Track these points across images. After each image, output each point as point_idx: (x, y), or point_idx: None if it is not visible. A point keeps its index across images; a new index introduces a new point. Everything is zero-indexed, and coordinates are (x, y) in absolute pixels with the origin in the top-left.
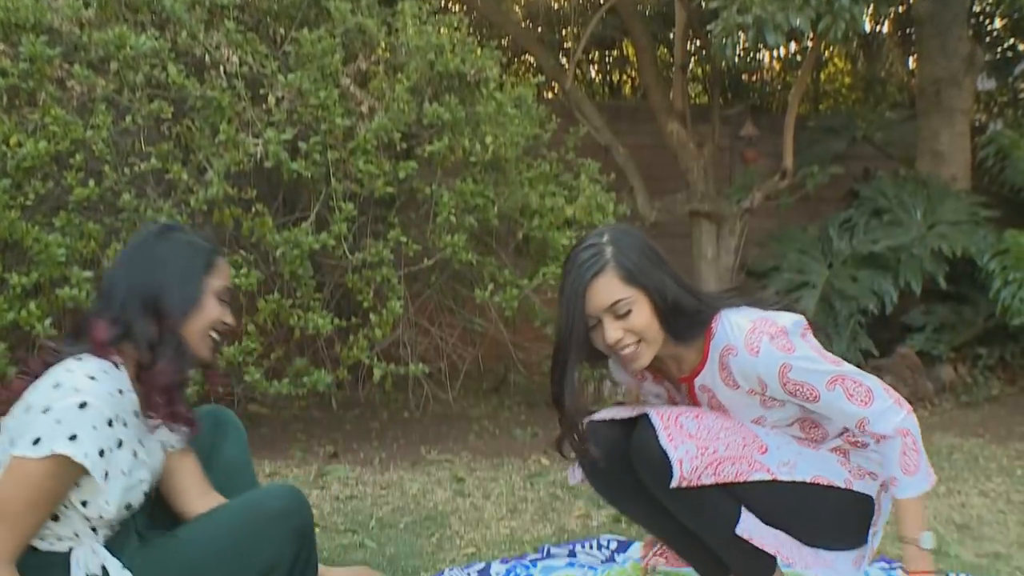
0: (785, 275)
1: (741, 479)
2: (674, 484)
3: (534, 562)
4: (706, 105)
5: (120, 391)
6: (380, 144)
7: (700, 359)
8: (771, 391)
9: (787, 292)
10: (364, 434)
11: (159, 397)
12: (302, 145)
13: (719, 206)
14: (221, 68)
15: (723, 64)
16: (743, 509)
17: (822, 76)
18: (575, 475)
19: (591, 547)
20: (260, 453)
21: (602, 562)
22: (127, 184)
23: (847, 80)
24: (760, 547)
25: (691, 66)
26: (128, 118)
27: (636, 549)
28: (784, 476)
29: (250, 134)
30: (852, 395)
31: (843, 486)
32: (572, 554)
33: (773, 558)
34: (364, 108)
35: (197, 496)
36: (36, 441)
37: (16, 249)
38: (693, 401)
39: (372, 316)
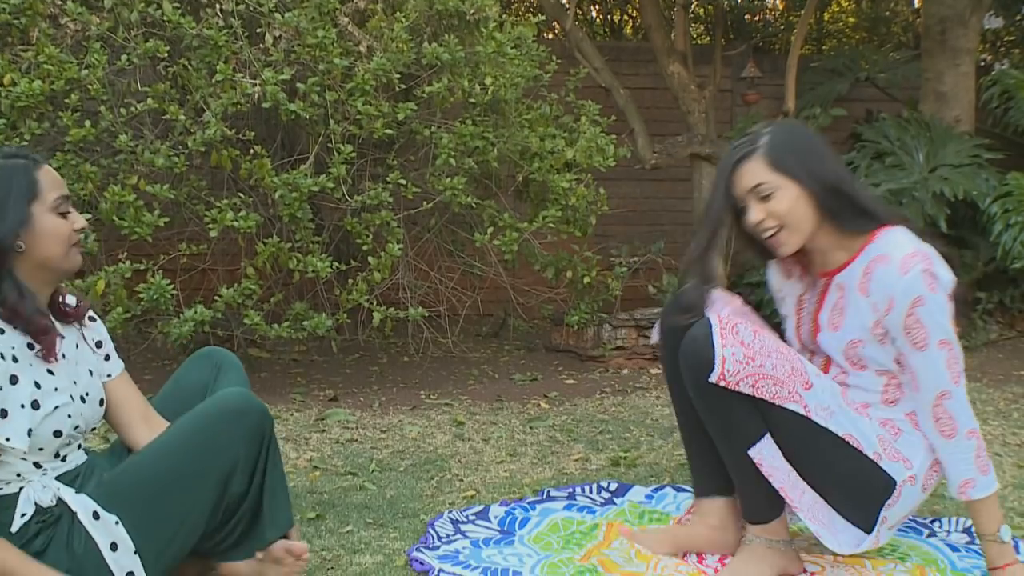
0: None
1: (776, 401)
2: (712, 379)
3: (533, 504)
4: (708, 46)
5: (1, 331)
6: (379, 85)
7: (848, 259)
8: (891, 317)
9: None
10: (364, 378)
11: (28, 325)
12: (300, 86)
13: (720, 149)
14: (217, 6)
15: (725, 3)
16: (767, 435)
17: (826, 15)
18: (655, 334)
19: (591, 490)
20: (260, 397)
21: (601, 504)
22: (124, 125)
23: (851, 19)
24: (767, 476)
25: (693, 6)
26: (124, 57)
27: (636, 492)
28: (818, 419)
29: (247, 74)
30: (950, 366)
31: (871, 457)
32: (571, 497)
33: (781, 504)
34: (362, 48)
35: (138, 423)
36: None
37: None
38: (821, 301)
39: (371, 259)
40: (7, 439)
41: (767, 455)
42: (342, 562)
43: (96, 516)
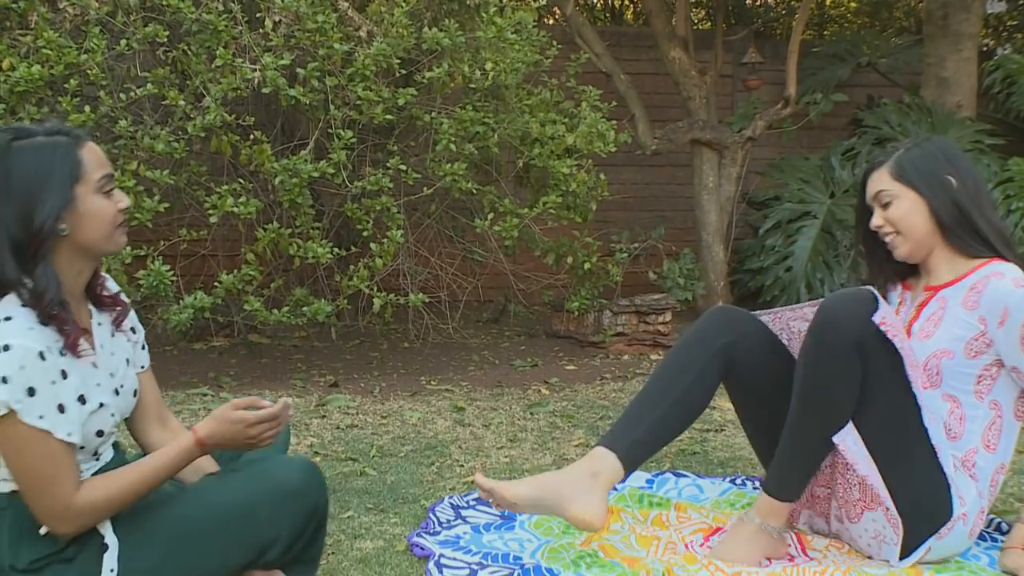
0: (786, 205)
1: (907, 373)
2: (877, 317)
3: None
4: (709, 31)
5: (44, 324)
6: (379, 70)
7: (956, 278)
8: (1006, 329)
9: (788, 222)
10: (364, 364)
11: (45, 317)
12: (300, 71)
13: (721, 134)
14: None
15: None
16: (851, 425)
17: (827, 0)
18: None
19: None
20: (260, 383)
21: None
22: (123, 110)
23: (853, 4)
24: (851, 464)
25: None
26: (123, 42)
27: (636, 477)
28: (924, 415)
29: (247, 59)
30: None
31: (947, 477)
32: None
33: (802, 492)
34: (363, 33)
35: (154, 422)
36: None
37: None
38: (919, 311)
39: (372, 245)
40: (68, 434)
41: (850, 442)
42: (343, 547)
43: (105, 548)
